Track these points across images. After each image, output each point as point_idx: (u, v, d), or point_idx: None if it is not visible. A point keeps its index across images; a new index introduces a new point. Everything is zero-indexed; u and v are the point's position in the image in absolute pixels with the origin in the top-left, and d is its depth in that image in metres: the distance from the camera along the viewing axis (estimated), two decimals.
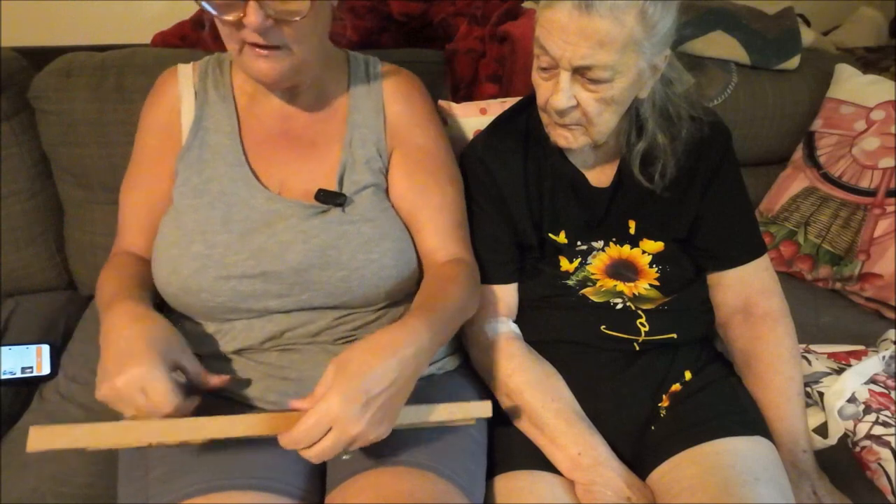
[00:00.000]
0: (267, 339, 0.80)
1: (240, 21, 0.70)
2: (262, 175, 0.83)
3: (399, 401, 0.68)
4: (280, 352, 0.81)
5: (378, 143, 0.87)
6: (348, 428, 0.63)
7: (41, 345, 1.06)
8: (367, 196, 0.84)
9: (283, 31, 0.72)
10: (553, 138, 0.86)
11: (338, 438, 0.64)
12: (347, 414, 0.63)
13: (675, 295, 0.93)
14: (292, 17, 0.71)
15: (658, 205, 0.91)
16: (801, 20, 1.52)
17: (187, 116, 0.85)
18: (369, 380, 0.65)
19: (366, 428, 0.64)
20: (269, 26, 0.70)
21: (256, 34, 0.71)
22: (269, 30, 0.71)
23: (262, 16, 0.69)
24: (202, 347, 0.81)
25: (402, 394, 0.69)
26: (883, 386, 0.96)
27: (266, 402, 0.79)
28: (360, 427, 0.64)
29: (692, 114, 0.89)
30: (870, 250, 1.25)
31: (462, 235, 0.89)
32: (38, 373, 1.03)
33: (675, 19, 0.77)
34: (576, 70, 0.76)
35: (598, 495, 0.79)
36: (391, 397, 0.67)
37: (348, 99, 0.88)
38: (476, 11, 1.29)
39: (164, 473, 0.72)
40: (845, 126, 1.32)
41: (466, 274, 0.84)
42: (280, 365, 0.80)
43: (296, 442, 0.64)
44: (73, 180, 1.15)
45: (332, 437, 0.63)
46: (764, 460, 0.80)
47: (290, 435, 0.64)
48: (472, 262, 0.88)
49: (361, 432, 0.64)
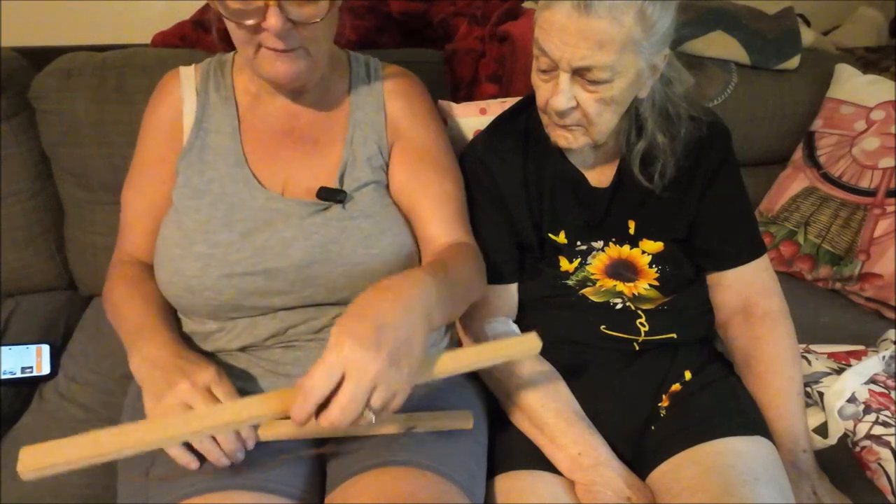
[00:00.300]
0: (270, 336, 0.80)
1: (258, 25, 0.70)
2: (265, 174, 0.84)
3: (415, 345, 0.62)
4: (283, 349, 0.81)
5: (379, 141, 0.88)
6: (366, 367, 0.57)
7: (41, 345, 1.06)
8: (367, 193, 0.84)
9: (301, 33, 0.73)
10: (553, 139, 0.86)
11: (357, 384, 0.57)
12: (360, 352, 0.57)
13: (674, 295, 0.93)
14: (311, 20, 0.72)
15: (658, 205, 0.91)
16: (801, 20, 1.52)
17: (189, 118, 0.86)
18: (375, 316, 0.60)
19: (385, 367, 0.58)
20: (289, 29, 0.71)
21: (276, 38, 0.71)
22: (288, 33, 0.71)
23: (282, 20, 0.69)
24: (206, 345, 0.82)
25: (416, 338, 0.62)
26: (883, 386, 0.96)
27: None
28: (378, 364, 0.57)
29: (692, 113, 0.89)
30: (870, 250, 1.25)
31: (463, 224, 0.89)
32: (38, 373, 1.03)
33: (674, 19, 0.77)
34: (575, 71, 0.76)
35: (598, 495, 0.79)
36: (406, 338, 0.61)
37: (350, 98, 0.89)
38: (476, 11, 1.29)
39: (163, 474, 0.72)
40: (845, 126, 1.32)
41: (471, 254, 0.84)
42: (283, 362, 0.80)
43: (308, 397, 0.57)
44: (74, 180, 1.16)
45: (349, 384, 0.57)
46: (764, 460, 0.80)
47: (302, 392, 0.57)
48: (475, 246, 0.88)
49: (380, 371, 0.57)
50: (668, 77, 0.86)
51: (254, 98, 0.87)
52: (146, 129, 0.89)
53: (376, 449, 0.74)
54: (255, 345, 0.81)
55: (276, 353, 0.81)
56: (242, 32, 0.73)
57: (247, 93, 0.87)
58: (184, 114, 0.86)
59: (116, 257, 0.90)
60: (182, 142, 0.85)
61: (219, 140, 0.85)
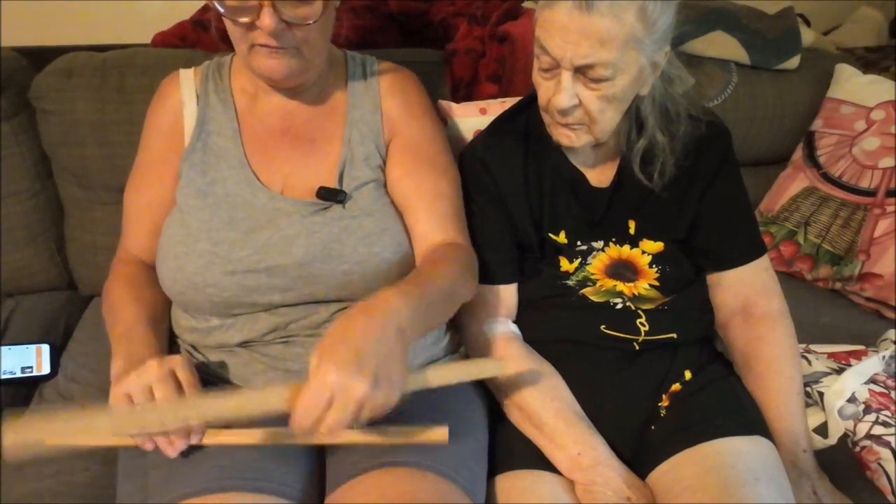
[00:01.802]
0: (270, 331, 0.81)
1: (253, 24, 0.72)
2: (265, 174, 0.85)
3: (395, 361, 0.64)
4: (283, 344, 0.82)
5: (376, 140, 0.89)
6: (350, 391, 0.59)
7: (41, 345, 1.06)
8: (367, 192, 0.85)
9: (295, 33, 0.74)
10: (556, 137, 0.86)
11: (343, 406, 0.59)
12: (344, 377, 0.59)
13: (674, 295, 0.93)
14: (305, 21, 0.73)
15: (658, 205, 0.91)
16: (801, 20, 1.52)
17: (190, 119, 0.87)
18: (353, 339, 0.62)
19: (369, 388, 0.60)
20: (282, 29, 0.72)
21: (269, 37, 0.73)
22: (282, 32, 0.73)
23: (276, 20, 0.71)
24: (208, 340, 0.82)
25: (396, 355, 0.64)
26: (883, 386, 0.96)
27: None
28: (364, 387, 0.59)
29: (691, 113, 0.89)
30: (870, 250, 1.25)
31: (457, 223, 0.88)
32: (38, 373, 1.03)
33: (675, 16, 0.78)
34: (577, 70, 0.76)
35: (598, 495, 0.79)
36: (385, 356, 0.62)
37: (347, 97, 0.90)
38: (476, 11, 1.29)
39: (163, 474, 0.72)
40: (845, 126, 1.32)
41: (458, 256, 0.84)
42: (284, 357, 0.81)
43: (300, 424, 0.60)
44: (74, 180, 1.16)
45: (336, 407, 0.59)
46: (764, 460, 0.80)
47: (294, 419, 0.60)
48: (467, 246, 0.88)
49: (366, 394, 0.59)
50: (669, 75, 0.86)
51: (251, 98, 0.88)
52: (147, 130, 0.90)
53: (377, 449, 0.74)
54: (255, 340, 0.81)
55: (276, 349, 0.81)
56: (238, 29, 0.74)
57: (244, 93, 0.88)
58: (184, 116, 0.87)
59: (118, 256, 0.91)
60: (183, 143, 0.86)
61: (220, 142, 0.85)
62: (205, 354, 0.83)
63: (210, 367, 0.82)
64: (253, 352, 0.81)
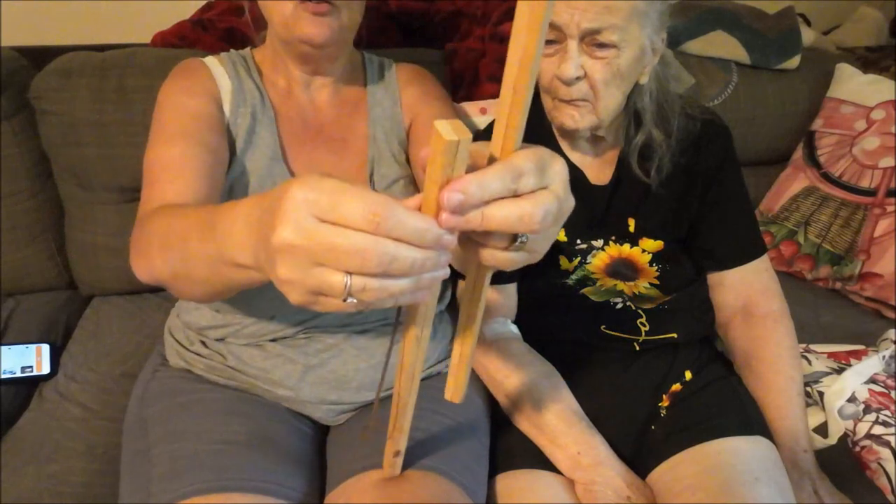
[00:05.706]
0: (299, 323, 0.82)
1: None
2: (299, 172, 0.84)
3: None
4: (307, 339, 0.83)
5: (399, 134, 0.90)
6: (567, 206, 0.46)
7: (41, 344, 1.06)
8: (398, 189, 0.86)
9: None
10: (559, 120, 0.85)
11: (559, 203, 0.45)
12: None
13: (675, 294, 0.93)
14: None
15: (658, 203, 0.91)
16: (801, 20, 1.52)
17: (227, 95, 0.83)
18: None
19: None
20: None
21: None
22: None
23: None
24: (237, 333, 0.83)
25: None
26: (883, 386, 0.96)
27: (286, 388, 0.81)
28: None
29: (687, 111, 0.90)
30: (870, 250, 1.25)
31: None
32: (37, 372, 1.03)
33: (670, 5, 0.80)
34: (583, 37, 0.76)
35: (598, 495, 0.79)
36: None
37: (367, 96, 0.91)
38: (476, 11, 1.29)
39: (164, 473, 0.72)
40: (845, 126, 1.32)
41: None
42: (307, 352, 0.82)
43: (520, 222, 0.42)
44: (74, 180, 1.15)
45: (550, 196, 0.44)
46: (764, 460, 0.80)
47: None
48: None
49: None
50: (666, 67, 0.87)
51: (285, 93, 0.87)
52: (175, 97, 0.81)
53: (377, 449, 0.74)
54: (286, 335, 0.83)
55: (300, 342, 0.83)
56: None
57: (275, 87, 0.87)
58: (221, 88, 0.84)
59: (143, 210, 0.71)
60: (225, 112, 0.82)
61: (259, 128, 0.84)
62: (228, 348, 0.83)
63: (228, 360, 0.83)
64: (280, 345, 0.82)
